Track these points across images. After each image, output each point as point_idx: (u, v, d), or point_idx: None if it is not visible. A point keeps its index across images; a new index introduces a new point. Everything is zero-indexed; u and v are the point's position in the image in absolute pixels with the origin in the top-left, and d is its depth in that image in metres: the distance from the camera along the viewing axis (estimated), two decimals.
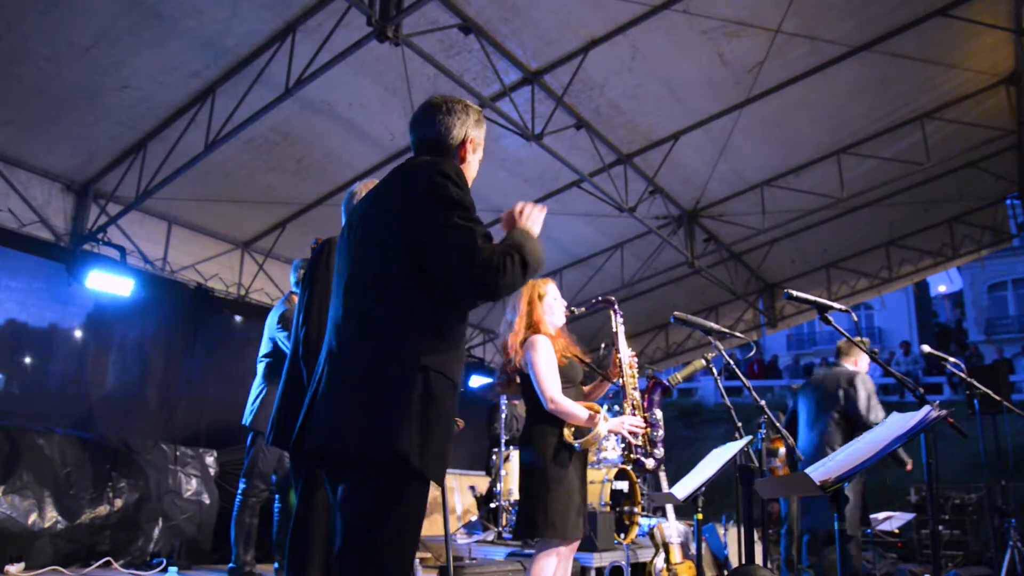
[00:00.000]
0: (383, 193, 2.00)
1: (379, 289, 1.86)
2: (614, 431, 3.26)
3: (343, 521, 1.79)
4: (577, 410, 3.13)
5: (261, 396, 4.55)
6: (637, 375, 3.47)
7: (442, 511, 4.04)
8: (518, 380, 3.33)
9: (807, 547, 5.02)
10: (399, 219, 1.87)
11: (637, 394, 3.42)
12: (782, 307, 10.67)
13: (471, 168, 2.11)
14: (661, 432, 3.45)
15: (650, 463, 3.37)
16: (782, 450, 5.88)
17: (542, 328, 3.30)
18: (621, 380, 3.43)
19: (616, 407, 3.59)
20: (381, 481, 1.75)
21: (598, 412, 3.13)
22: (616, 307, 3.56)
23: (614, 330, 3.52)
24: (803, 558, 6.45)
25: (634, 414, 3.37)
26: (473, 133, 2.08)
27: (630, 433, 3.30)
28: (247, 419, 4.59)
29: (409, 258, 1.83)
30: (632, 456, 3.39)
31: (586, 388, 3.50)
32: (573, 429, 3.18)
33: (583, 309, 3.67)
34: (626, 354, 3.47)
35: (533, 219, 1.99)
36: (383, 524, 1.73)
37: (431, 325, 1.84)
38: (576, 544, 3.23)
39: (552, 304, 3.38)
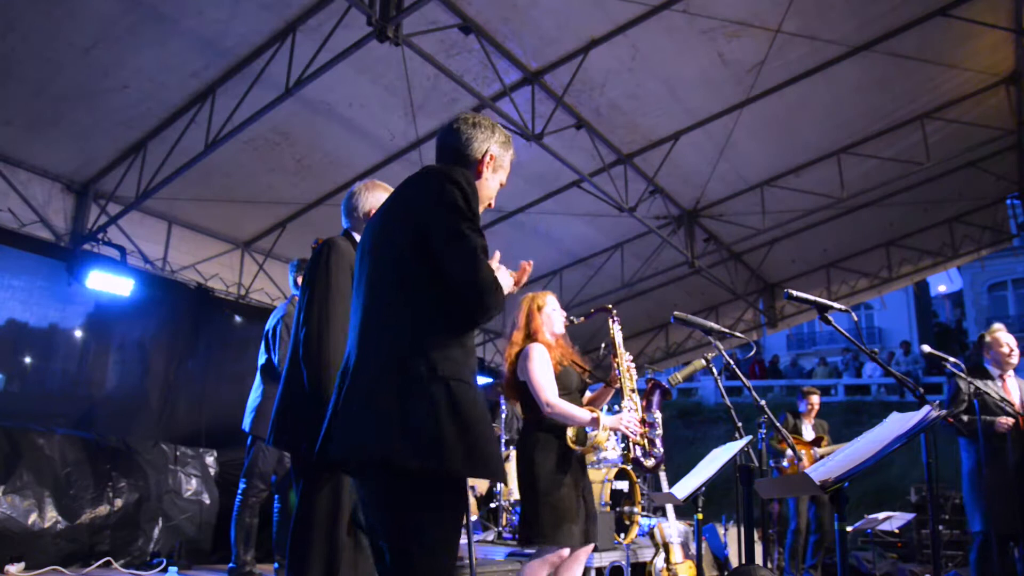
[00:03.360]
0: (398, 198, 2.02)
1: (396, 294, 1.87)
2: (614, 428, 3.30)
3: (384, 529, 1.80)
4: (577, 412, 3.18)
5: (260, 401, 4.53)
6: (635, 378, 3.53)
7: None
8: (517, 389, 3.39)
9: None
10: (410, 224, 1.88)
11: (636, 396, 3.48)
12: (782, 307, 10.67)
13: (487, 185, 2.09)
14: (660, 431, 3.50)
15: (650, 462, 3.43)
16: (789, 451, 5.88)
17: (540, 338, 3.39)
18: (619, 384, 3.49)
19: (616, 407, 3.64)
20: (412, 487, 1.75)
21: (598, 415, 3.18)
22: (614, 314, 3.62)
23: (612, 336, 3.59)
24: (807, 557, 6.45)
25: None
26: (495, 151, 2.09)
27: (628, 428, 3.35)
28: (247, 425, 4.58)
29: (422, 262, 1.85)
30: (632, 455, 3.44)
31: (592, 395, 3.57)
32: (575, 434, 3.23)
33: (582, 319, 3.73)
34: (624, 359, 3.53)
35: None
36: (423, 529, 1.75)
37: (449, 328, 1.85)
38: (584, 551, 3.25)
39: (551, 314, 3.47)
